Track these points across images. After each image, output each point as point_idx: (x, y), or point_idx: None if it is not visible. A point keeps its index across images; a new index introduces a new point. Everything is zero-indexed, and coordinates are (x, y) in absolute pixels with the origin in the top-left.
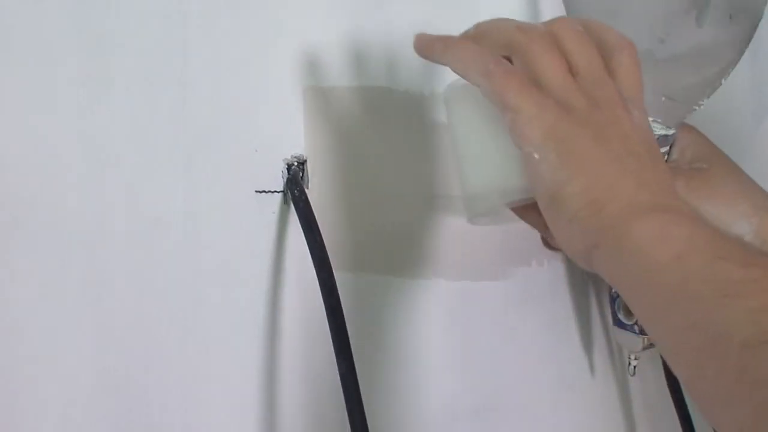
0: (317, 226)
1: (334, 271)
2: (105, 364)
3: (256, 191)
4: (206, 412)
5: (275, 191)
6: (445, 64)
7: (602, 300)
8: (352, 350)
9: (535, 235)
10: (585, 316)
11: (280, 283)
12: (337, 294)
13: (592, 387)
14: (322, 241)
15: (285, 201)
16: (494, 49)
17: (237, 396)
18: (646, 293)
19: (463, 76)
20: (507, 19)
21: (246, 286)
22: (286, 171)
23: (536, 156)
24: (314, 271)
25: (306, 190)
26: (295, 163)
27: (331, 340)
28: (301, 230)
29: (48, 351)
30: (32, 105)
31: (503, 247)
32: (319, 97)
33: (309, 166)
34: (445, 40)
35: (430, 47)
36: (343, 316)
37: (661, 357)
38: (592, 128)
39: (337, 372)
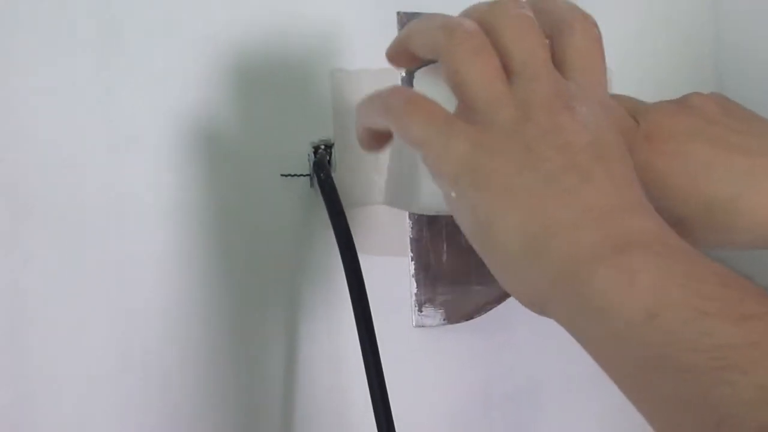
0: (343, 209)
1: (359, 254)
2: (127, 345)
3: (282, 175)
4: (229, 393)
5: (301, 175)
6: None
7: None
8: (378, 334)
9: None
10: None
11: (306, 266)
12: (362, 277)
13: None
14: (347, 224)
15: (311, 184)
16: (422, 55)
17: (260, 376)
18: (620, 361)
19: (376, 129)
20: (434, 16)
21: (271, 269)
22: (313, 154)
23: (453, 194)
24: (339, 254)
25: (332, 173)
26: (322, 147)
27: (355, 323)
28: (327, 214)
29: (69, 331)
30: (50, 85)
31: None
32: (347, 80)
33: (335, 150)
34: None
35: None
36: (367, 299)
37: None
38: (517, 147)
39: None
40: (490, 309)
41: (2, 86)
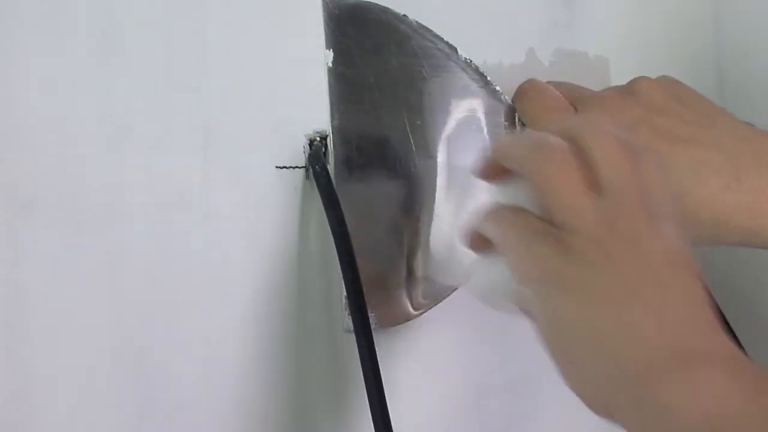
0: (338, 202)
1: (354, 246)
2: (124, 342)
3: (277, 167)
4: (225, 384)
5: (297, 167)
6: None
7: None
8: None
9: None
10: None
11: (301, 258)
12: (357, 269)
13: None
14: (342, 216)
15: (307, 176)
16: (511, 168)
17: (255, 369)
18: None
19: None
20: (523, 134)
21: (266, 262)
22: (308, 146)
23: (529, 293)
24: (334, 247)
25: (328, 165)
26: (318, 139)
27: (351, 315)
28: (322, 206)
29: (67, 329)
30: (49, 82)
31: None
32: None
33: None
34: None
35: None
36: (362, 291)
37: None
38: (599, 254)
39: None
40: (423, 313)
41: (2, 85)
